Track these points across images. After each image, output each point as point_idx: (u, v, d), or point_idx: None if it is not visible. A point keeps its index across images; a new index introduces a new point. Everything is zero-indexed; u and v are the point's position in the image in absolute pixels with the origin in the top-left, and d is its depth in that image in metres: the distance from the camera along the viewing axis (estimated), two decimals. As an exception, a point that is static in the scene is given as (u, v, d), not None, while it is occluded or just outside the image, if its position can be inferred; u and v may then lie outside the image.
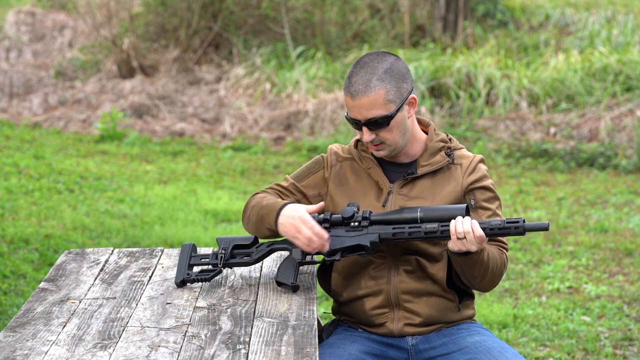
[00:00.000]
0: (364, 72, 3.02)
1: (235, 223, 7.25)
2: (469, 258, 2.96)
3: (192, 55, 13.02)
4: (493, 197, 3.15)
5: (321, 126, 10.44)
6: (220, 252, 3.12)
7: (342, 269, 3.18)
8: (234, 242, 3.14)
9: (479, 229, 2.90)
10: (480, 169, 3.15)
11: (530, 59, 11.68)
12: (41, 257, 6.23)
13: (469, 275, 3.02)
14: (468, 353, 3.07)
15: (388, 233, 3.00)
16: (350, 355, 3.06)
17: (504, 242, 3.15)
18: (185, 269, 3.12)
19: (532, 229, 2.94)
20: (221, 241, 3.15)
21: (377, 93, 3.01)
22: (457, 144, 3.19)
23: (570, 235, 6.94)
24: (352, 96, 3.02)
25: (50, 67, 13.69)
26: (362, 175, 3.16)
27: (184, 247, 3.17)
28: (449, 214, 2.94)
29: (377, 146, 3.08)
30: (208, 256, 3.15)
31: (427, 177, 3.13)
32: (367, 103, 3.01)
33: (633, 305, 5.52)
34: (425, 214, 2.96)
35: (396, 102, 3.03)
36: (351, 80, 3.03)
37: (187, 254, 3.15)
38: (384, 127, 3.03)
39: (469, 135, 10.10)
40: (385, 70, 3.03)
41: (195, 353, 2.63)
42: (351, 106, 3.04)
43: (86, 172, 8.80)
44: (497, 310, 5.44)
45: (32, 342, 2.71)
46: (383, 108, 3.02)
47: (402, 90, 3.05)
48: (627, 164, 9.05)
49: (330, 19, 13.23)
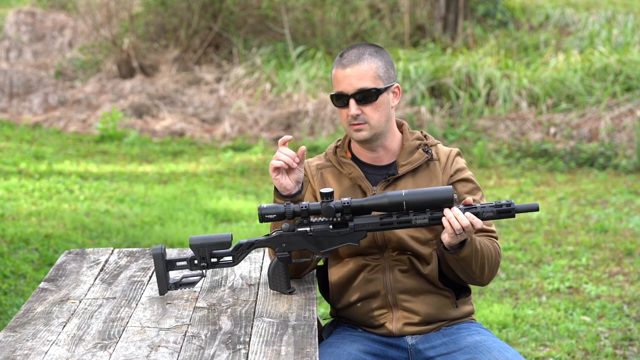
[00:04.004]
0: (356, 49, 3.10)
1: (235, 223, 7.25)
2: (463, 251, 2.96)
3: (192, 55, 13.02)
4: (474, 187, 3.16)
5: (321, 126, 10.44)
6: (199, 261, 3.00)
7: (337, 275, 3.17)
8: (210, 247, 3.00)
9: (477, 220, 2.89)
10: (459, 162, 3.17)
11: (530, 59, 11.68)
12: (41, 257, 6.23)
13: (468, 271, 3.02)
14: (468, 353, 3.07)
15: (376, 223, 2.96)
16: (350, 355, 3.06)
17: (492, 231, 3.14)
18: (165, 279, 3.01)
19: (523, 210, 2.94)
20: (194, 245, 3.00)
21: (369, 65, 3.07)
22: (432, 140, 3.21)
23: (570, 235, 6.95)
24: (343, 66, 3.07)
25: (50, 67, 13.69)
26: (343, 180, 3.17)
27: (155, 255, 2.99)
28: (434, 196, 2.93)
29: (360, 125, 3.08)
30: (184, 259, 3.03)
31: (408, 177, 3.14)
32: (358, 73, 3.06)
33: (633, 305, 5.52)
34: (410, 197, 2.92)
35: (384, 82, 3.09)
36: (342, 56, 3.10)
37: (162, 262, 2.99)
38: (372, 102, 3.06)
39: (469, 135, 10.10)
40: (376, 50, 3.12)
41: (195, 353, 2.63)
42: (341, 77, 3.07)
43: (86, 172, 8.80)
44: (497, 310, 5.44)
45: (32, 342, 2.71)
46: (373, 81, 3.07)
47: (390, 75, 3.12)
48: (627, 164, 9.05)
49: (330, 18, 13.23)
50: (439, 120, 10.32)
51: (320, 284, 3.26)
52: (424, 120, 10.20)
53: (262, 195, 8.19)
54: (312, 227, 2.99)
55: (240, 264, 3.34)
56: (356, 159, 3.19)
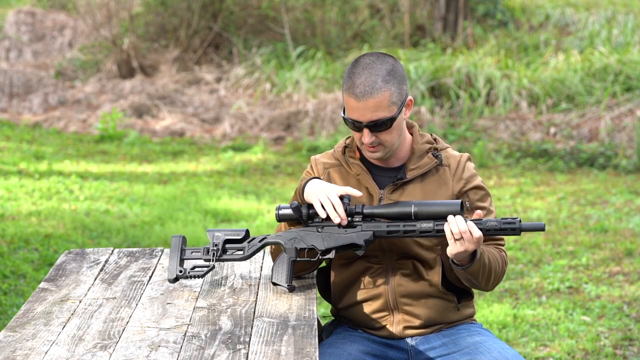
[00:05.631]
0: (367, 74, 2.99)
1: (235, 223, 7.25)
2: (472, 267, 2.96)
3: (192, 55, 13.02)
4: (485, 194, 3.15)
5: (321, 126, 10.44)
6: (212, 248, 3.10)
7: (339, 276, 3.17)
8: (226, 236, 3.10)
9: (476, 229, 2.90)
10: (469, 169, 3.15)
11: (530, 59, 11.68)
12: (41, 257, 6.23)
13: (474, 281, 3.03)
14: (468, 353, 3.06)
15: (382, 231, 3.00)
16: (350, 355, 3.06)
17: (501, 239, 3.15)
18: (177, 265, 3.09)
19: (528, 230, 2.94)
20: (211, 234, 3.10)
21: (383, 95, 2.98)
22: (442, 144, 3.18)
23: (570, 235, 6.94)
24: (356, 97, 2.98)
25: (50, 67, 13.69)
26: (351, 181, 3.15)
27: (174, 241, 3.11)
28: (443, 209, 2.93)
29: (374, 148, 3.06)
30: (199, 250, 3.12)
31: (416, 181, 3.11)
32: (373, 105, 2.98)
33: (633, 305, 5.52)
34: (420, 208, 2.95)
35: (398, 104, 3.02)
36: (355, 82, 2.99)
37: (178, 248, 3.10)
38: (386, 129, 3.03)
39: (469, 135, 10.10)
40: (388, 72, 3.01)
41: (195, 353, 2.62)
42: (354, 107, 3.00)
43: (86, 172, 8.80)
44: (497, 310, 5.44)
45: (32, 342, 2.71)
46: (387, 110, 3.00)
47: (402, 92, 3.04)
48: (627, 164, 9.05)
49: (330, 19, 13.23)
50: (439, 120, 10.32)
51: (320, 287, 3.25)
52: (424, 121, 10.20)
53: (262, 195, 8.19)
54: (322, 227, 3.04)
55: (240, 264, 3.34)
56: (364, 160, 3.17)
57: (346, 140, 3.20)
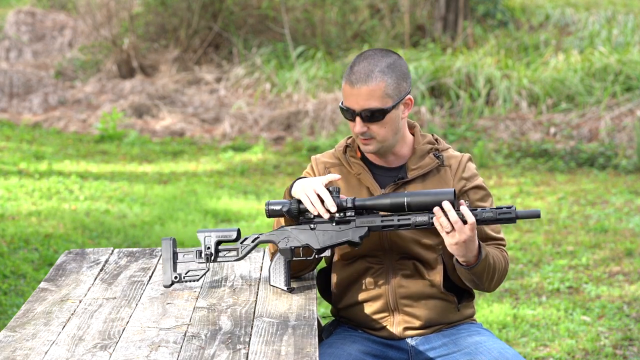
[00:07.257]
0: (366, 63, 3.01)
1: (235, 223, 7.25)
2: (477, 267, 2.96)
3: (192, 55, 13.02)
4: (486, 194, 3.15)
5: (321, 126, 10.44)
6: (204, 251, 3.08)
7: (340, 276, 3.17)
8: (217, 238, 3.06)
9: (470, 215, 2.87)
10: (470, 169, 3.14)
11: (530, 59, 11.68)
12: (41, 257, 6.23)
13: (478, 282, 3.02)
14: (468, 354, 3.06)
15: (377, 226, 2.97)
16: (350, 355, 3.06)
17: (501, 239, 3.14)
18: (171, 270, 3.07)
19: (524, 217, 2.93)
20: (202, 236, 3.06)
21: (377, 84, 2.99)
22: (444, 144, 3.18)
23: (570, 235, 6.94)
24: (351, 83, 3.00)
25: (50, 67, 13.69)
26: (352, 181, 3.14)
27: (165, 245, 3.07)
28: (436, 198, 2.92)
29: (366, 140, 3.06)
30: (191, 251, 3.09)
31: (417, 181, 3.11)
32: (366, 92, 2.99)
33: (633, 305, 5.52)
34: (412, 198, 2.92)
35: (393, 99, 3.02)
36: (352, 69, 3.02)
37: (170, 252, 3.06)
38: (378, 121, 3.01)
39: (469, 135, 10.10)
40: (388, 64, 3.02)
41: (195, 353, 2.62)
42: (348, 94, 3.02)
43: (86, 172, 8.80)
44: (497, 310, 5.44)
45: (32, 342, 2.71)
46: (380, 101, 3.00)
47: (401, 89, 3.04)
48: (627, 164, 9.05)
49: (330, 19, 13.23)
50: (439, 120, 10.32)
51: (320, 287, 3.25)
52: (424, 120, 10.21)
53: (262, 195, 8.19)
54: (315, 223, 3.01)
55: (240, 264, 3.34)
56: (365, 159, 3.17)
57: (347, 140, 3.20)
